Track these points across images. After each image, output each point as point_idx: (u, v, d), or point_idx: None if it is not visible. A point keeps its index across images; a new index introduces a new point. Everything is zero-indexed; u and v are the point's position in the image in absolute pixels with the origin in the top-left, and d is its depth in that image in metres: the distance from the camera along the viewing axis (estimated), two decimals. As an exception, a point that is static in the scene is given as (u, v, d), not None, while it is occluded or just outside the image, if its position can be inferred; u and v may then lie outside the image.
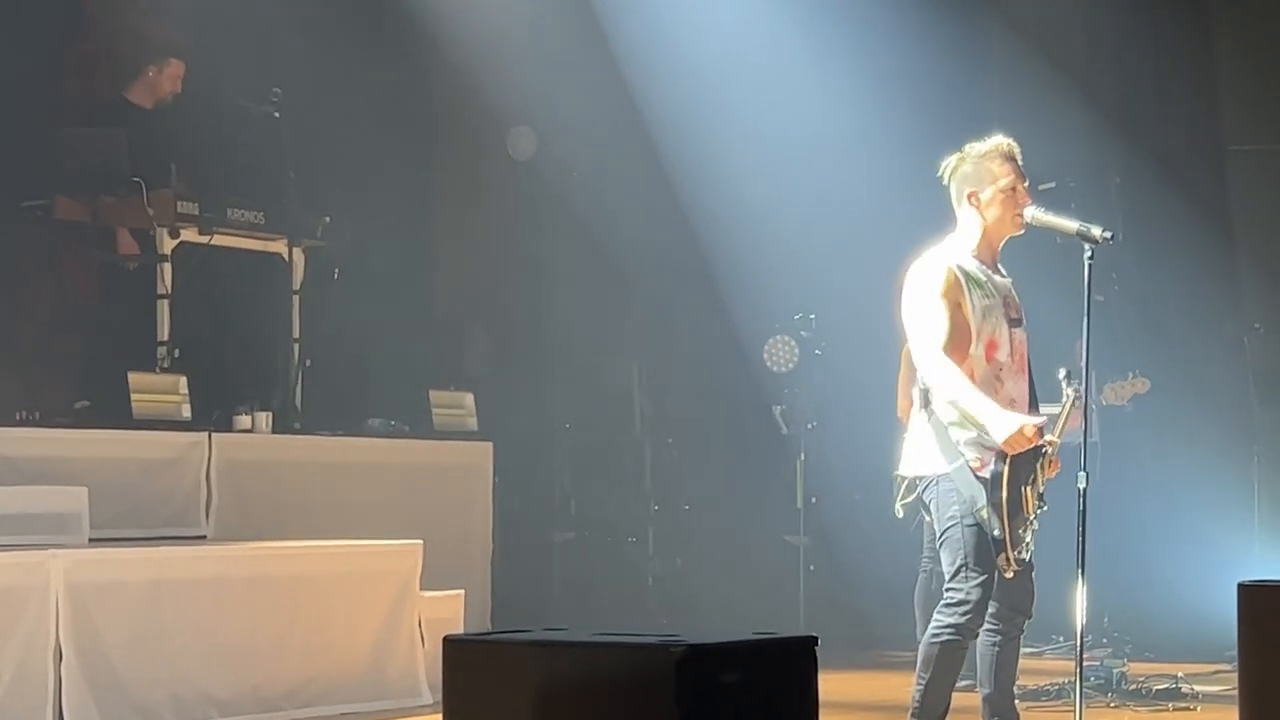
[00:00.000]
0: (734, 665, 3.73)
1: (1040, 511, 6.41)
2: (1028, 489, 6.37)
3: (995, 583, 6.37)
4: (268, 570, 8.44)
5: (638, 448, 12.49)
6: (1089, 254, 6.48)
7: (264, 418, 9.65)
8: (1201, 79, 12.33)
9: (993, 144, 6.52)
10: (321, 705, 8.43)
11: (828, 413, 11.66)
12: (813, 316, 11.68)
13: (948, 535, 6.37)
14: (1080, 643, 6.52)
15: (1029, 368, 6.57)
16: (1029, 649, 9.69)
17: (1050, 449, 6.44)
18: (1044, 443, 6.42)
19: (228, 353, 9.96)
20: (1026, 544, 6.38)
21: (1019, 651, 6.67)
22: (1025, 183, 6.52)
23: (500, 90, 11.80)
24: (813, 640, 3.95)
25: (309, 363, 10.24)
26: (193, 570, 8.16)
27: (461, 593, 9.23)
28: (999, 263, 6.58)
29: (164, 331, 9.60)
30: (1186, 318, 11.75)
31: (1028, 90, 11.83)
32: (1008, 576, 6.36)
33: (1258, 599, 5.25)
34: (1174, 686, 8.99)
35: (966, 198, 6.51)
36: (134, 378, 9.18)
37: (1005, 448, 6.26)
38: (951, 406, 6.31)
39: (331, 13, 11.02)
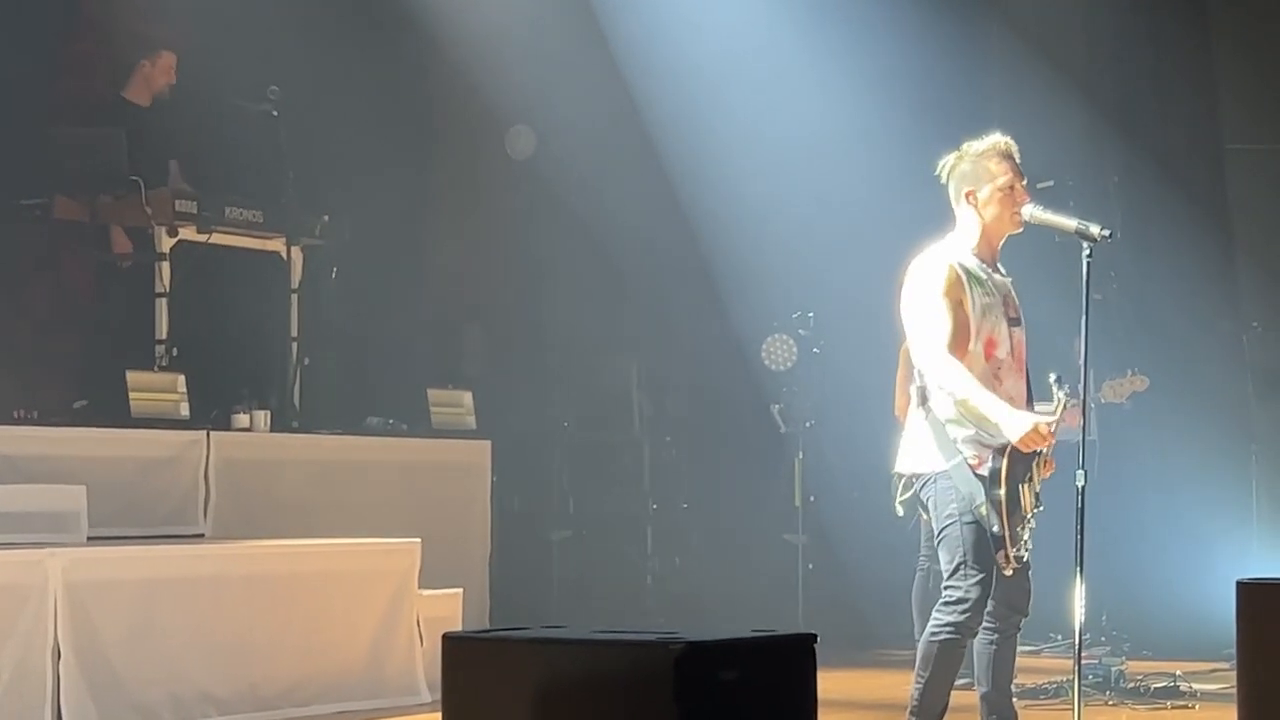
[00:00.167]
0: (733, 663, 3.72)
1: (1037, 511, 6.41)
2: (1025, 487, 6.36)
3: (994, 581, 6.37)
4: (266, 569, 8.44)
5: (636, 446, 12.49)
6: (1087, 252, 6.46)
7: (262, 416, 9.64)
8: (1200, 78, 12.33)
9: (990, 142, 6.50)
10: (320, 704, 8.43)
11: (826, 411, 11.66)
12: (811, 315, 11.68)
13: (946, 533, 6.35)
14: (1079, 641, 6.51)
15: (1026, 367, 6.57)
16: (1027, 647, 9.70)
17: (1045, 449, 6.44)
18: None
19: (226, 351, 9.96)
20: (1024, 542, 6.37)
21: (1016, 649, 6.66)
22: (1023, 181, 6.50)
23: (499, 90, 11.80)
24: (811, 638, 3.95)
25: (307, 361, 10.24)
26: (191, 569, 8.16)
27: (460, 591, 9.23)
28: (998, 262, 6.57)
29: (162, 330, 9.61)
30: (1185, 316, 11.75)
31: (1027, 89, 11.83)
32: (1006, 574, 6.36)
33: (1256, 597, 5.25)
34: (1172, 685, 8.98)
35: (964, 196, 6.50)
36: (132, 376, 9.18)
37: (1020, 446, 6.25)
38: (957, 405, 6.30)
39: (330, 11, 11.02)
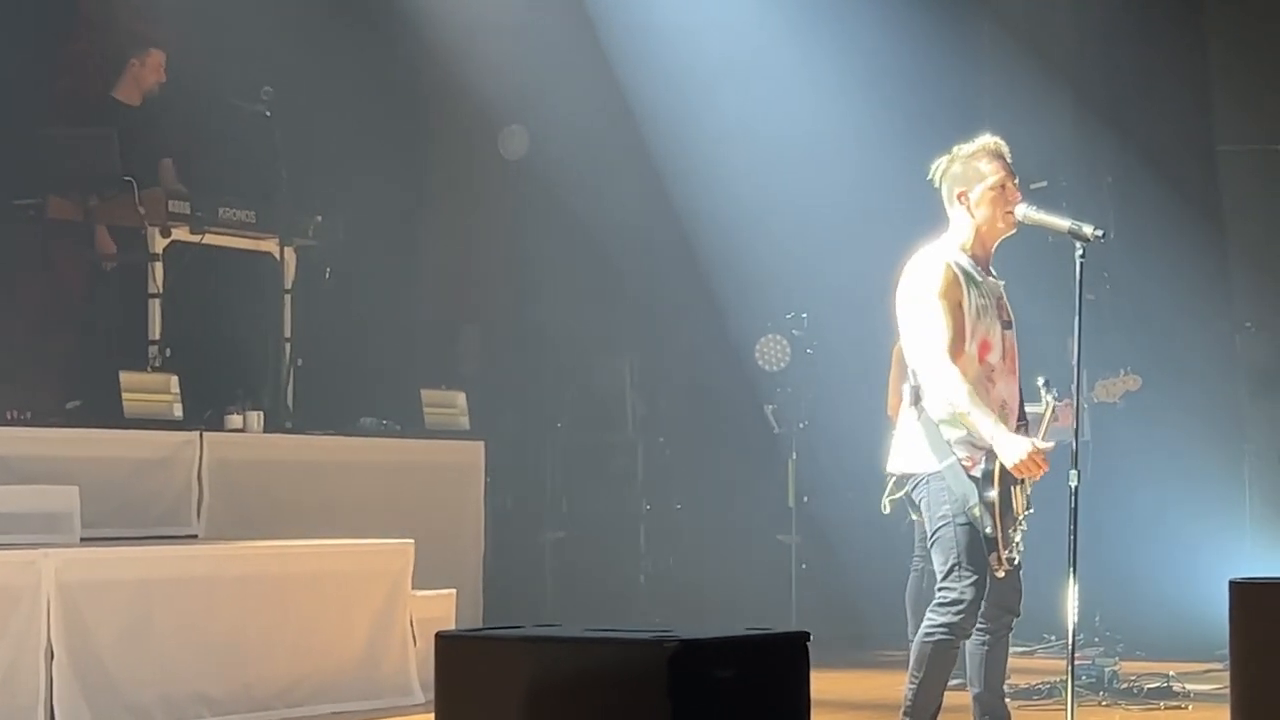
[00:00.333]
0: (727, 661, 3.72)
1: (1028, 513, 6.40)
2: (1017, 489, 6.36)
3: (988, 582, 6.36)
4: (259, 569, 8.43)
5: (630, 446, 12.49)
6: (1080, 252, 6.45)
7: (255, 417, 9.64)
8: (1193, 78, 12.34)
9: (980, 143, 6.50)
10: (313, 704, 8.42)
11: (819, 411, 11.66)
12: (804, 315, 11.68)
13: (939, 535, 6.34)
14: (1072, 641, 6.50)
15: (1018, 370, 6.57)
16: (1021, 648, 9.71)
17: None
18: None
19: (219, 352, 9.96)
20: (1016, 544, 6.37)
21: (1008, 650, 6.66)
22: (1015, 180, 6.49)
23: (492, 90, 11.80)
24: (805, 636, 3.95)
25: (300, 362, 10.23)
26: (184, 569, 8.15)
27: (453, 592, 9.23)
28: (991, 265, 6.57)
29: (155, 331, 9.60)
30: (1178, 315, 11.75)
31: (1019, 89, 11.84)
32: (999, 576, 6.35)
33: (1249, 596, 5.25)
34: (1166, 685, 8.99)
35: (956, 198, 6.49)
36: (125, 377, 9.17)
37: (1015, 471, 6.24)
38: (950, 411, 6.28)
39: (323, 12, 11.01)
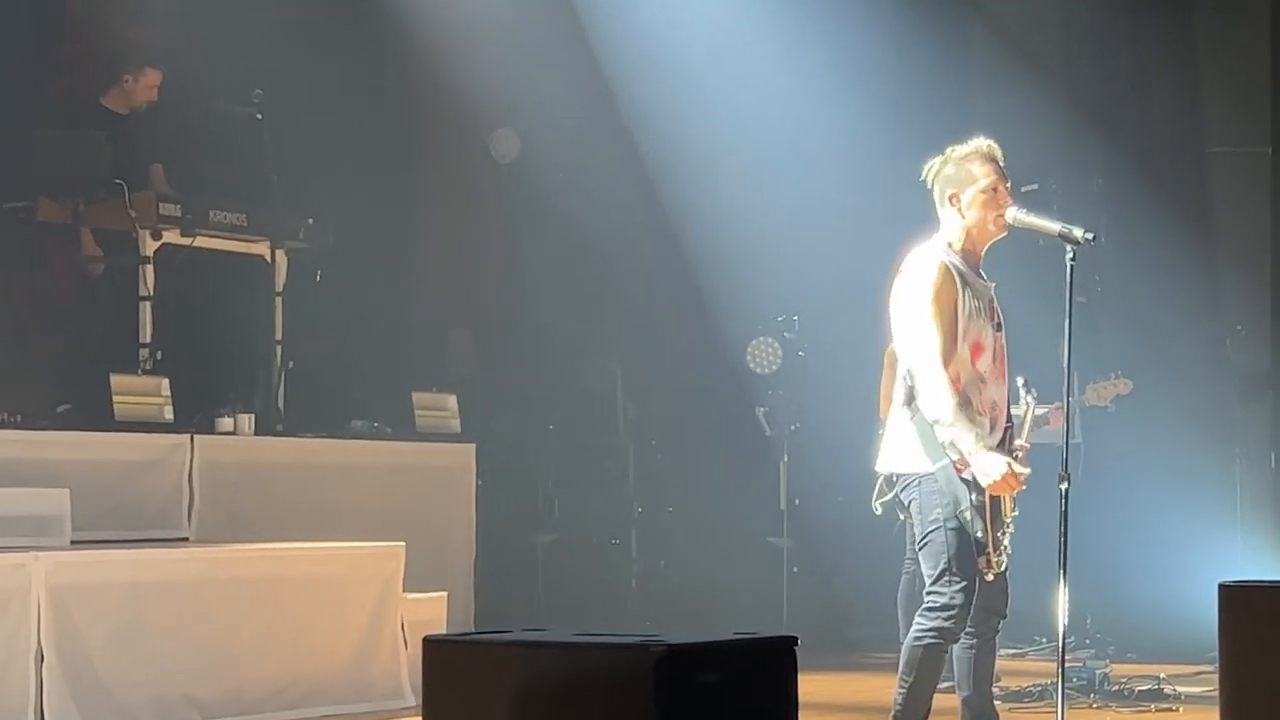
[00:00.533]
0: (713, 665, 3.72)
1: (1014, 515, 6.40)
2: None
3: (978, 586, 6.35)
4: (250, 572, 8.42)
5: (621, 449, 12.48)
6: (1071, 255, 6.46)
7: (246, 420, 9.63)
8: (1183, 81, 12.35)
9: (973, 146, 6.50)
10: (304, 707, 8.41)
11: (811, 414, 11.65)
12: (796, 318, 11.68)
13: (930, 538, 6.33)
14: (1062, 644, 6.51)
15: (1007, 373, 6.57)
16: (1012, 650, 9.72)
17: (1020, 453, 6.44)
18: (1014, 447, 6.44)
19: (210, 355, 9.94)
20: (1005, 548, 6.37)
21: (995, 652, 6.66)
22: (1007, 183, 6.50)
23: (483, 92, 11.79)
24: (792, 640, 3.95)
25: (291, 364, 10.22)
26: (175, 572, 8.14)
27: (444, 594, 9.22)
28: (981, 267, 6.57)
29: (146, 333, 9.59)
30: (1169, 319, 11.76)
31: (1010, 91, 11.84)
32: (988, 580, 6.35)
33: (1238, 599, 5.25)
34: (1156, 687, 9.00)
35: (948, 199, 6.49)
36: (116, 380, 9.16)
37: (992, 490, 6.23)
38: (934, 425, 6.28)
39: (314, 14, 11.00)
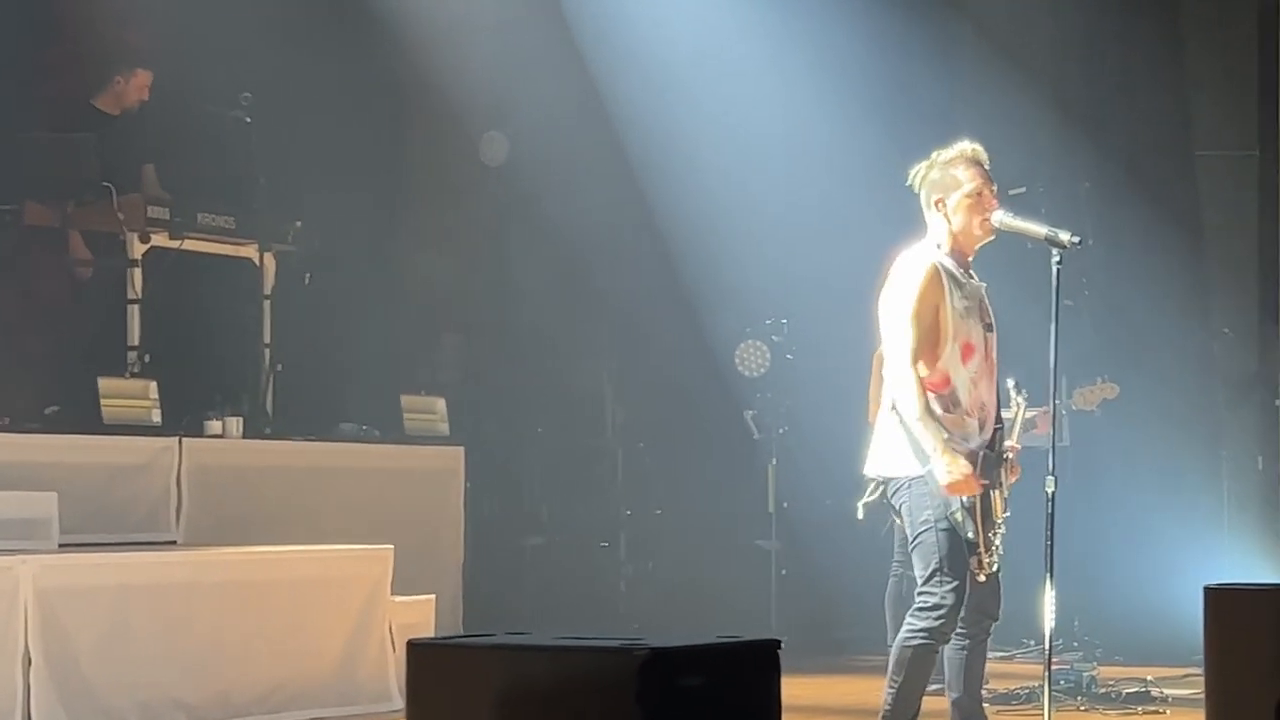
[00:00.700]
0: (696, 669, 3.72)
1: (1005, 516, 6.41)
2: (995, 493, 6.38)
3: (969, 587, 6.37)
4: (238, 575, 8.42)
5: (609, 453, 12.49)
6: (1057, 259, 6.48)
7: (235, 423, 9.62)
8: (1171, 84, 12.37)
9: (958, 149, 6.51)
10: (292, 710, 8.41)
11: (799, 417, 11.66)
12: (784, 321, 11.69)
13: (921, 540, 6.34)
14: (1049, 646, 6.52)
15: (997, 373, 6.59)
16: (999, 653, 9.72)
17: (1010, 454, 6.45)
18: (1004, 448, 6.45)
19: (198, 357, 9.93)
20: (996, 548, 6.39)
21: (986, 654, 6.68)
22: (993, 187, 6.51)
23: (472, 95, 11.79)
24: (775, 644, 3.95)
25: (280, 367, 10.22)
26: (162, 575, 8.14)
27: (432, 598, 9.23)
28: (970, 269, 6.58)
29: (134, 336, 9.57)
30: (1156, 322, 11.78)
31: (997, 94, 11.85)
32: (980, 580, 6.36)
33: (1223, 602, 5.26)
34: (1143, 690, 9.01)
35: (934, 204, 6.51)
36: (104, 383, 9.15)
37: (949, 490, 6.25)
38: (902, 422, 6.30)
39: (303, 17, 11.00)
